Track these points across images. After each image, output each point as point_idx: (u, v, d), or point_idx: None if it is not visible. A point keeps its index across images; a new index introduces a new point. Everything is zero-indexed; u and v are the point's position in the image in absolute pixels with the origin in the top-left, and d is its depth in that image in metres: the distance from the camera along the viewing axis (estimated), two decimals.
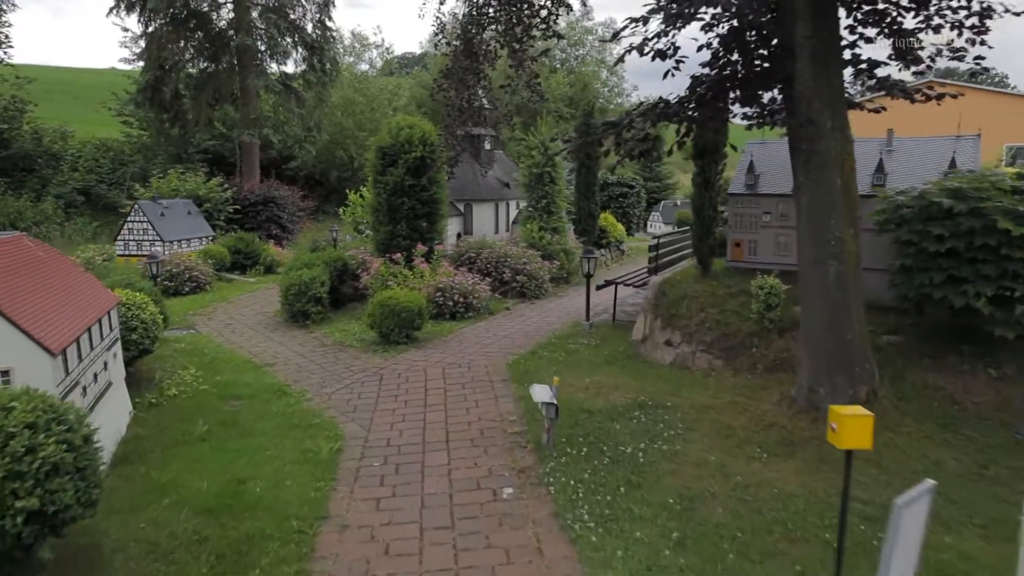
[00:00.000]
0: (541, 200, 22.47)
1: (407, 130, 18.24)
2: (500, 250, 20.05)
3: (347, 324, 16.98)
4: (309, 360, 14.01)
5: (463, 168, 22.04)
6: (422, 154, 18.05)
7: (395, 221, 18.25)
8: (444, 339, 15.40)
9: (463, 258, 19.93)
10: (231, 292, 22.11)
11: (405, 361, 13.67)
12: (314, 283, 16.99)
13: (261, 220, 29.95)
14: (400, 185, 18.02)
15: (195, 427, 9.70)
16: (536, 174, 22.42)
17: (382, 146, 18.36)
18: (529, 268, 19.84)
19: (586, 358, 13.26)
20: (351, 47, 56.05)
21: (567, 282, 22.23)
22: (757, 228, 14.19)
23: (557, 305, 19.15)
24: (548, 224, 22.37)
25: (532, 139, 22.77)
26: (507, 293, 19.77)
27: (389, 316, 14.56)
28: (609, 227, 27.49)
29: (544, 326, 16.41)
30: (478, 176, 23.25)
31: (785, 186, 14.02)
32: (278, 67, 36.67)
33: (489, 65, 14.63)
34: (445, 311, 17.05)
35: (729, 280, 13.65)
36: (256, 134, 32.97)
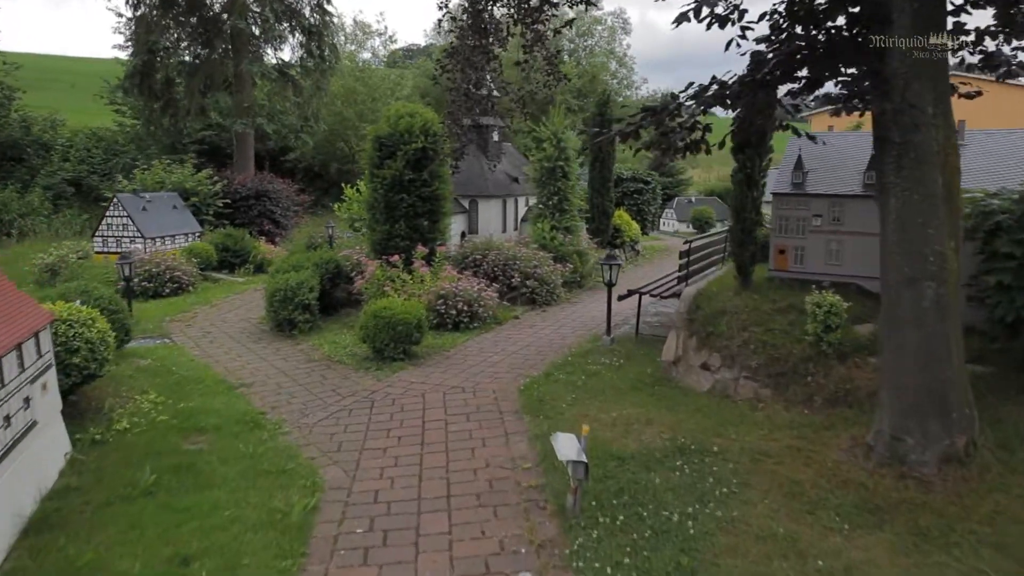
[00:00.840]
0: (553, 197, 20.68)
1: (407, 119, 16.46)
2: (508, 252, 18.28)
3: (338, 335, 15.25)
4: (292, 379, 12.28)
5: (468, 161, 20.26)
6: (423, 145, 16.28)
7: (393, 220, 16.49)
8: (446, 355, 13.65)
9: (468, 260, 18.16)
10: (216, 294, 20.39)
11: (401, 383, 11.92)
12: (302, 288, 15.24)
13: (253, 215, 28.20)
14: (399, 179, 16.26)
15: (141, 475, 7.95)
16: (548, 168, 20.63)
17: (379, 136, 16.58)
18: (540, 272, 18.07)
19: (609, 382, 11.48)
20: (353, 35, 54.16)
21: (580, 286, 20.46)
22: (805, 233, 12.40)
23: (571, 314, 17.37)
24: (560, 223, 20.58)
25: (544, 130, 20.96)
26: (516, 299, 18.01)
27: (383, 330, 12.81)
28: (624, 226, 25.70)
29: (558, 340, 14.64)
30: (485, 170, 21.45)
31: (839, 185, 12.23)
32: (274, 53, 34.92)
33: (500, 45, 12.85)
34: (447, 321, 15.30)
35: (774, 293, 11.86)
36: (250, 123, 31.17)
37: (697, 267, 14.54)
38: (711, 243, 15.59)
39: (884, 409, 7.88)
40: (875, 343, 10.33)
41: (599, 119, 24.17)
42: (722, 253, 16.96)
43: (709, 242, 15.59)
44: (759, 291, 12.09)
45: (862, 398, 9.49)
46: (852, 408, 9.43)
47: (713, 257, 15.74)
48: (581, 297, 19.54)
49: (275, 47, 32.99)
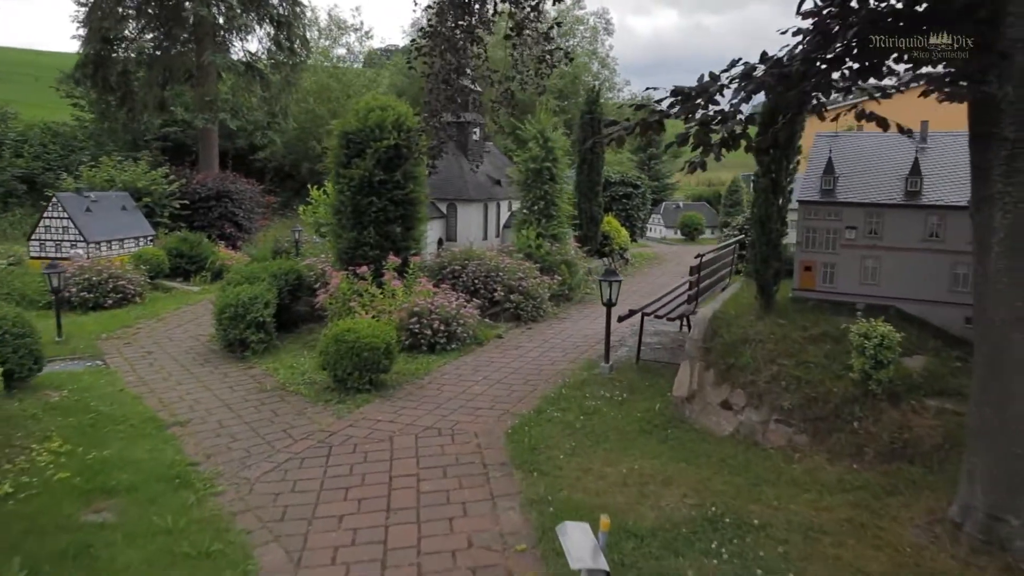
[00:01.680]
0: (539, 201, 18.91)
1: (378, 112, 14.61)
2: (491, 262, 16.48)
3: (297, 356, 13.37)
4: (237, 415, 10.37)
5: (447, 161, 18.44)
6: (397, 142, 14.44)
7: (361, 226, 14.61)
8: (419, 383, 11.81)
9: (445, 271, 16.33)
10: (166, 305, 18.36)
11: (365, 421, 10.07)
12: (255, 304, 13.31)
13: (213, 217, 26.10)
14: (368, 181, 14.39)
15: (7, 571, 6.02)
16: (533, 170, 18.86)
17: (347, 132, 14.71)
18: (525, 285, 16.29)
19: (613, 423, 9.72)
20: (327, 30, 52.03)
21: (568, 299, 18.71)
22: (835, 247, 10.75)
23: (559, 332, 15.60)
24: (547, 230, 18.82)
25: (529, 129, 19.20)
26: (498, 316, 16.21)
27: (346, 356, 10.94)
28: (612, 233, 24.01)
29: (548, 365, 12.86)
30: (464, 171, 19.63)
31: (876, 192, 10.60)
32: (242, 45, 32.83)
33: (485, 27, 11.07)
34: (422, 341, 13.45)
35: (802, 317, 10.19)
36: (212, 118, 29.04)
37: (707, 283, 12.88)
38: (720, 256, 13.90)
39: (976, 479, 6.19)
40: (931, 382, 8.69)
41: (588, 117, 22.50)
42: (730, 267, 15.33)
43: (718, 255, 13.90)
44: (784, 314, 10.41)
45: (926, 452, 7.83)
46: (914, 465, 7.76)
47: (722, 272, 14.08)
48: (570, 312, 17.79)
49: (241, 38, 30.91)
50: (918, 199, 10.26)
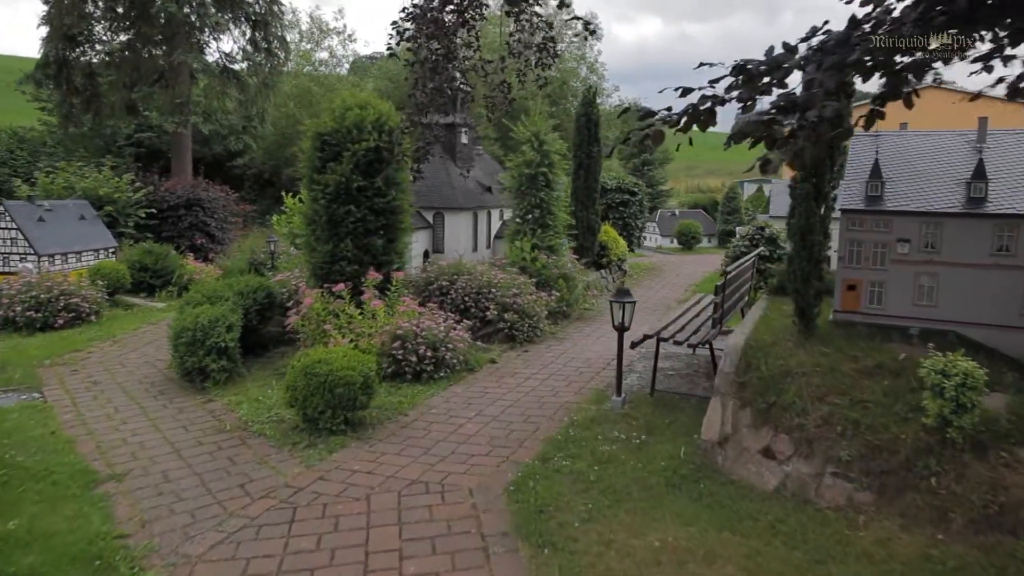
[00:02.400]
0: (533, 209, 17.41)
1: (356, 111, 13.05)
2: (482, 277, 14.95)
3: (264, 386, 11.78)
4: (186, 464, 8.75)
5: (433, 166, 16.94)
6: (377, 144, 12.88)
7: (337, 238, 13.02)
8: (403, 420, 10.24)
9: (432, 288, 14.78)
10: (125, 325, 16.67)
11: (339, 472, 8.47)
12: (216, 327, 11.69)
13: (183, 227, 24.39)
14: (345, 187, 12.81)
15: None
16: (528, 176, 17.36)
17: (321, 133, 13.13)
18: (520, 302, 14.76)
19: (633, 474, 8.18)
20: (309, 32, 50.36)
21: (566, 316, 17.20)
22: (885, 263, 9.31)
23: (559, 355, 14.07)
24: (543, 241, 17.31)
25: (523, 131, 17.72)
26: (491, 337, 14.67)
27: (317, 392, 9.35)
28: (610, 242, 22.55)
29: (549, 396, 11.32)
30: (452, 177, 18.11)
31: (931, 199, 9.17)
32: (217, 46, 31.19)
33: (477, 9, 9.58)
34: (406, 369, 11.88)
35: (850, 346, 8.73)
36: (184, 122, 27.33)
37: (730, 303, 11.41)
38: (741, 271, 12.42)
39: None
40: (1021, 427, 7.25)
41: (584, 119, 21.06)
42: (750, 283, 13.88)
43: (740, 271, 12.42)
44: (828, 341, 8.95)
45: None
46: (1020, 538, 6.28)
47: (743, 289, 12.63)
48: (568, 331, 16.27)
49: (216, 38, 29.21)
50: (982, 206, 8.84)
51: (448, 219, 17.66)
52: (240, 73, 30.35)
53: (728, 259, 18.30)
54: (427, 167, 12.95)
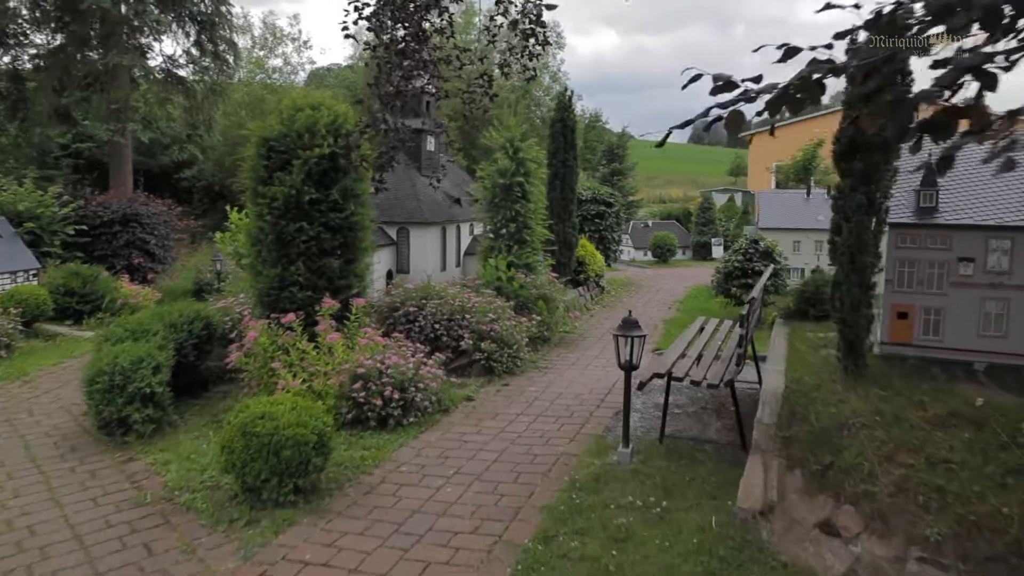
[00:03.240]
0: (509, 223, 15.74)
1: (308, 113, 11.24)
2: (455, 301, 13.21)
3: (200, 437, 9.89)
4: (87, 559, 6.82)
5: (396, 176, 15.17)
6: (332, 151, 11.09)
7: (287, 259, 11.18)
8: (367, 484, 8.42)
9: (398, 315, 13.00)
10: (41, 360, 14.51)
11: (286, 565, 6.63)
12: (140, 370, 9.73)
13: (118, 246, 22.12)
14: (295, 201, 10.98)
15: None
16: (502, 186, 15.70)
17: (267, 137, 11.29)
18: (498, 329, 13.05)
19: (660, 560, 6.50)
20: (262, 38, 48.10)
21: (545, 341, 15.53)
22: (943, 286, 7.85)
23: (544, 389, 12.38)
24: (519, 258, 15.65)
25: (496, 137, 16.07)
26: (466, 369, 12.93)
27: (260, 457, 7.50)
28: (587, 257, 21.00)
29: (540, 444, 9.61)
30: (417, 188, 16.35)
31: (1001, 210, 7.74)
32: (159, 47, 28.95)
33: None
34: (369, 414, 10.06)
35: (909, 386, 7.23)
36: (121, 129, 25.04)
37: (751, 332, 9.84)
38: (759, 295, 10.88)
39: None
40: None
41: (560, 125, 19.51)
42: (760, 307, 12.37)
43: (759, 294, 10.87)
44: (882, 382, 7.43)
45: None
46: None
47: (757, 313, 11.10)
48: (550, 359, 14.60)
49: (156, 38, 26.98)
50: None
51: (414, 235, 15.88)
52: (185, 78, 28.20)
53: (720, 274, 16.87)
54: (390, 177, 11.19)
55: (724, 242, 31.84)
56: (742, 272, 16.27)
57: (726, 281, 16.53)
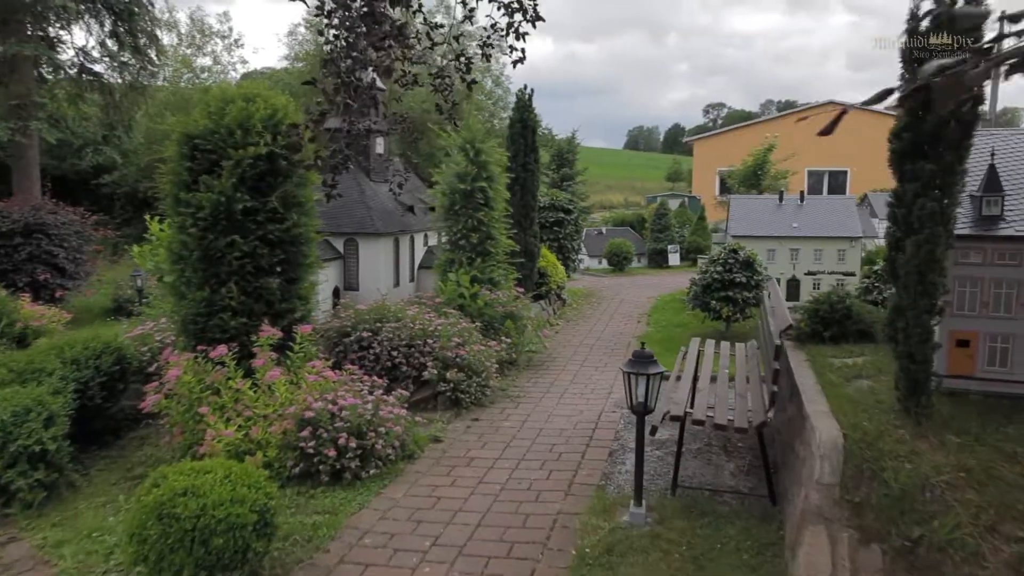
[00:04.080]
0: (470, 234, 14.16)
1: (240, 106, 9.45)
2: (414, 324, 11.55)
3: (107, 504, 7.99)
4: None
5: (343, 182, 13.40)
6: (271, 151, 9.33)
7: (217, 280, 9.34)
8: (322, 566, 6.70)
9: (349, 342, 11.27)
10: None
11: None
12: (26, 423, 7.77)
13: (20, 260, 19.49)
14: (226, 210, 9.17)
15: None
16: (462, 192, 14.12)
17: (191, 135, 9.44)
18: (465, 355, 11.45)
19: None
20: (189, 35, 45.17)
21: (512, 364, 13.99)
22: (1011, 308, 6.65)
23: (522, 424, 10.83)
24: (483, 272, 14.08)
25: (454, 138, 14.48)
26: (430, 402, 11.28)
27: (181, 548, 5.71)
28: (549, 268, 19.58)
29: (532, 502, 8.04)
30: (366, 195, 14.62)
31: None
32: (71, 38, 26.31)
33: None
34: (321, 468, 8.32)
35: (991, 431, 5.99)
36: (23, 128, 22.37)
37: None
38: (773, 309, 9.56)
39: None
40: None
41: (520, 126, 18.03)
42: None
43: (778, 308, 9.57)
44: (953, 424, 6.16)
45: None
46: None
47: None
48: (521, 384, 13.06)
49: (65, 28, 24.38)
50: None
51: (363, 247, 14.12)
52: (102, 74, 25.65)
53: (698, 286, 15.66)
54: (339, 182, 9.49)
55: (680, 249, 30.89)
56: (722, 284, 15.07)
57: (704, 294, 15.30)
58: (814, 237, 17.71)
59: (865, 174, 50.08)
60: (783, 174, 38.24)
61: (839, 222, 17.80)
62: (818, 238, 17.70)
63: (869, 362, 8.48)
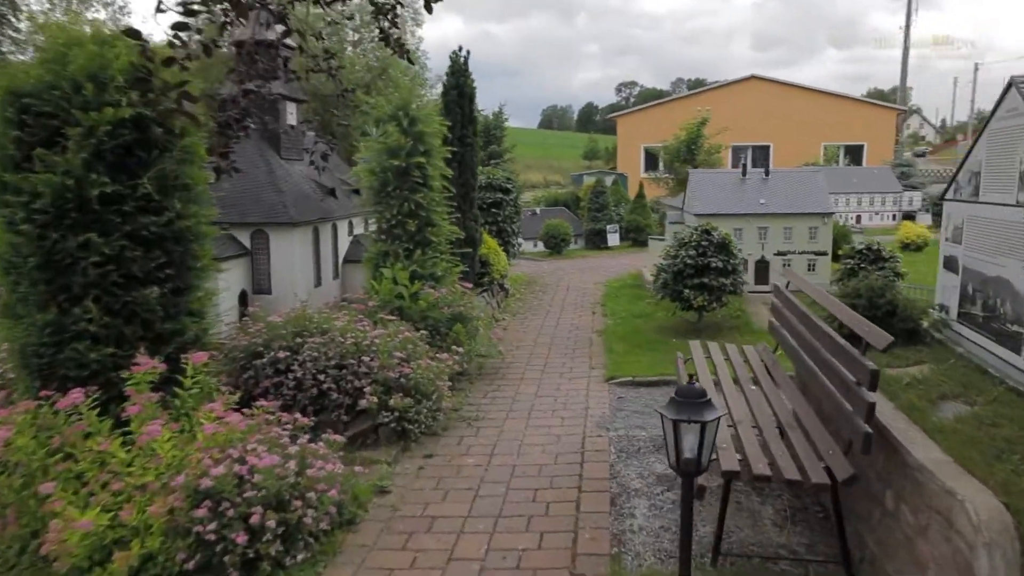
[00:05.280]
0: (407, 220, 11.78)
1: (92, 51, 6.77)
2: (346, 337, 9.12)
3: None
4: None
5: (247, 159, 10.82)
6: (139, 113, 6.72)
7: (67, 296, 6.72)
8: None
9: (261, 364, 8.74)
10: None
11: None
12: None
13: None
14: (76, 197, 6.53)
15: None
16: (396, 169, 11.69)
17: (19, 91, 6.69)
18: (410, 373, 9.12)
19: None
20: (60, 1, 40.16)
21: (461, 373, 11.70)
22: None
23: (487, 457, 8.61)
24: (425, 267, 11.74)
25: (383, 105, 12.02)
26: (369, 435, 8.91)
27: None
28: (491, 256, 17.37)
29: None
30: (277, 176, 11.98)
31: None
32: None
33: None
34: (226, 558, 5.87)
35: None
36: None
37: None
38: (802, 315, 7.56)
39: None
40: None
41: (456, 94, 15.63)
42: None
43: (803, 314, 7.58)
44: None
45: None
46: None
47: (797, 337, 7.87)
48: (477, 401, 10.84)
49: None
50: None
51: (276, 240, 11.51)
52: None
53: (668, 273, 13.78)
54: (238, 159, 6.96)
55: (619, 229, 29.18)
56: (696, 270, 13.24)
57: (676, 281, 13.43)
58: (783, 214, 16.13)
59: (787, 148, 50.02)
60: (716, 148, 37.15)
61: (809, 197, 16.27)
62: (787, 215, 16.13)
63: (938, 374, 6.69)
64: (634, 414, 9.91)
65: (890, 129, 53.29)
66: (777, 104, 51.25)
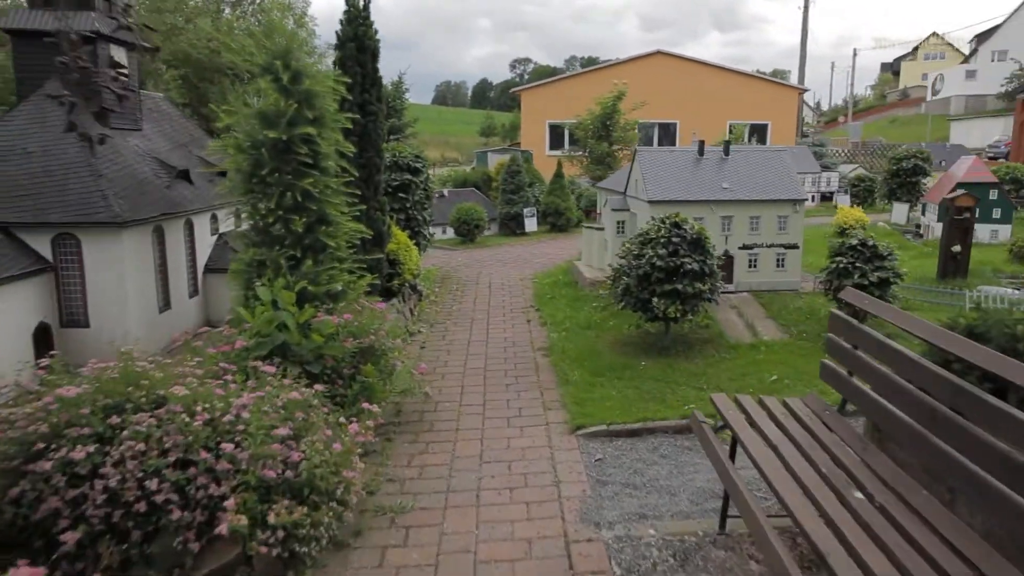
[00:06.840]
0: (290, 216, 8.38)
1: None
2: (194, 411, 5.72)
3: None
4: None
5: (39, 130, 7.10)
6: None
7: None
8: None
9: (47, 470, 5.23)
10: None
11: None
12: None
13: None
14: None
15: None
16: (274, 144, 8.25)
17: None
18: (303, 463, 5.86)
19: None
20: None
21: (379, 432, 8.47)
22: None
23: None
24: (318, 281, 8.40)
25: (258, 54, 8.55)
26: (235, 571, 5.59)
27: None
28: (401, 253, 14.09)
29: None
30: (95, 153, 8.24)
31: None
32: None
33: None
34: None
35: None
36: None
37: None
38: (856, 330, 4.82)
39: None
40: None
41: (354, 48, 12.18)
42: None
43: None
44: None
45: None
46: None
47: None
48: (400, 473, 7.68)
49: None
50: None
51: (92, 249, 7.83)
52: None
53: (632, 277, 11.02)
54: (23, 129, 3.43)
55: (536, 213, 26.35)
56: (666, 273, 10.54)
57: (641, 287, 10.70)
58: (749, 201, 13.69)
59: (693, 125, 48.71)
60: (632, 125, 34.97)
61: (776, 181, 13.90)
62: (754, 202, 13.70)
63: None
64: (625, 490, 7.06)
65: (793, 108, 53.03)
66: (683, 81, 49.78)
